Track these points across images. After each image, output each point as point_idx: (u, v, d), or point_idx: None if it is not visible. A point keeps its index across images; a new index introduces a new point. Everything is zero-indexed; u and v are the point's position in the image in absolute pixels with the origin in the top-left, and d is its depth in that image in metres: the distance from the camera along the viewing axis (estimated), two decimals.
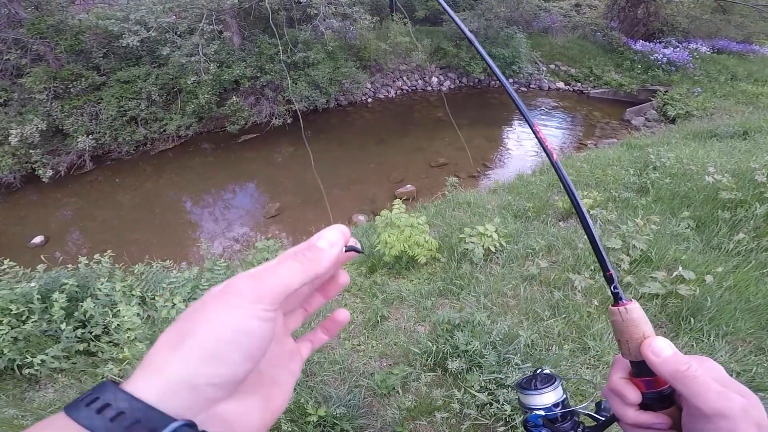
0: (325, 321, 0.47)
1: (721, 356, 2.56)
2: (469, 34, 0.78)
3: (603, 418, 0.60)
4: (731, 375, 2.40)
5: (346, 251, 0.39)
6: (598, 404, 0.64)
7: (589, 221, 0.58)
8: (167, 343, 0.30)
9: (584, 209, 0.59)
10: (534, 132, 0.68)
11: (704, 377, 0.43)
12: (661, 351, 0.46)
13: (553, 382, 0.67)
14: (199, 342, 0.29)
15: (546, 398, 0.65)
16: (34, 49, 8.89)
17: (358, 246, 0.41)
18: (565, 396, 0.66)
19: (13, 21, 8.87)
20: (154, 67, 9.76)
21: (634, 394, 0.49)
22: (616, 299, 0.52)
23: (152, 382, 0.28)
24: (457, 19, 1.17)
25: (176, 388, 0.28)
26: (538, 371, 0.70)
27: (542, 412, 0.65)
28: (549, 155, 0.64)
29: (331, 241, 0.37)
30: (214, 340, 0.29)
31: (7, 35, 8.69)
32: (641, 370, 0.49)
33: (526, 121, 0.68)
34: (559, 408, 0.65)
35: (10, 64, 8.83)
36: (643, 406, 0.50)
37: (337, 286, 0.45)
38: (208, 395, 0.29)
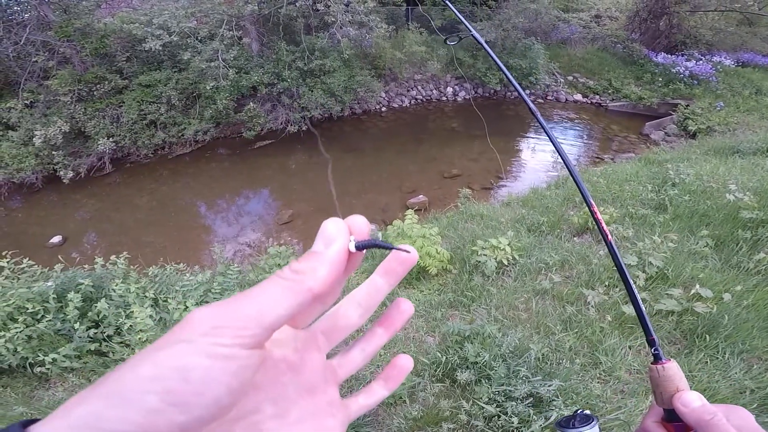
0: (385, 370, 0.38)
1: (736, 373, 2.50)
2: (487, 47, 0.78)
3: None
4: (744, 392, 2.34)
5: (358, 249, 0.29)
6: None
7: (635, 289, 0.69)
8: (99, 382, 0.25)
9: (631, 280, 0.70)
10: (591, 213, 0.80)
11: (725, 426, 0.48)
12: (691, 403, 0.52)
13: (591, 422, 0.72)
14: (117, 380, 0.24)
15: None
16: (60, 52, 9.16)
17: (380, 240, 0.30)
18: None
19: (42, 24, 9.15)
20: (175, 71, 9.97)
21: None
22: (656, 359, 0.60)
23: (54, 426, 0.23)
24: (475, 32, 1.17)
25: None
26: (578, 411, 0.75)
27: None
28: (604, 236, 0.76)
29: (329, 237, 0.28)
30: (132, 379, 0.23)
31: (36, 37, 8.96)
32: (672, 417, 0.55)
33: (582, 193, 0.70)
34: None
35: (38, 66, 9.09)
36: None
37: (400, 314, 0.36)
38: None
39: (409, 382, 2.58)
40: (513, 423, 2.15)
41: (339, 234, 0.28)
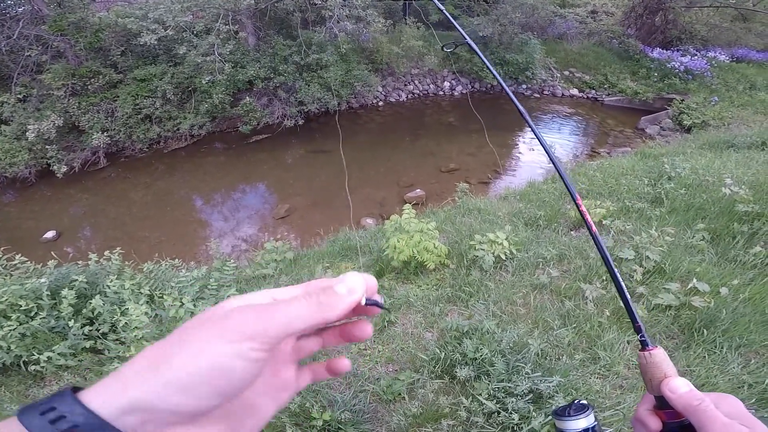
0: (332, 361, 0.44)
1: (734, 368, 2.51)
2: (479, 52, 0.77)
3: None
4: (742, 386, 2.35)
5: (366, 305, 0.37)
6: None
7: (618, 276, 0.73)
8: (146, 360, 0.29)
9: (618, 275, 0.74)
10: (576, 204, 0.83)
11: (713, 411, 0.50)
12: (678, 389, 0.55)
13: (586, 411, 0.73)
14: (173, 370, 0.28)
15: (578, 423, 0.72)
16: (54, 46, 9.07)
17: (381, 301, 0.39)
18: (596, 423, 0.73)
19: (35, 17, 9.04)
20: (170, 66, 9.88)
21: (655, 424, 0.56)
22: (644, 345, 0.63)
23: (115, 399, 0.28)
24: (469, 40, 1.17)
25: (136, 409, 0.27)
26: (574, 401, 0.77)
27: None
28: (589, 227, 0.81)
29: (352, 288, 0.35)
30: (189, 372, 0.28)
31: (29, 32, 8.87)
32: (663, 404, 0.57)
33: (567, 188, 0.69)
34: None
35: (31, 61, 9.01)
36: None
37: (359, 333, 0.42)
38: (166, 420, 0.28)
39: (408, 378, 2.58)
40: (513, 419, 2.15)
41: (359, 289, 0.35)
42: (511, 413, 2.18)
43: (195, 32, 9.54)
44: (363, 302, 0.36)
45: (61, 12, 8.96)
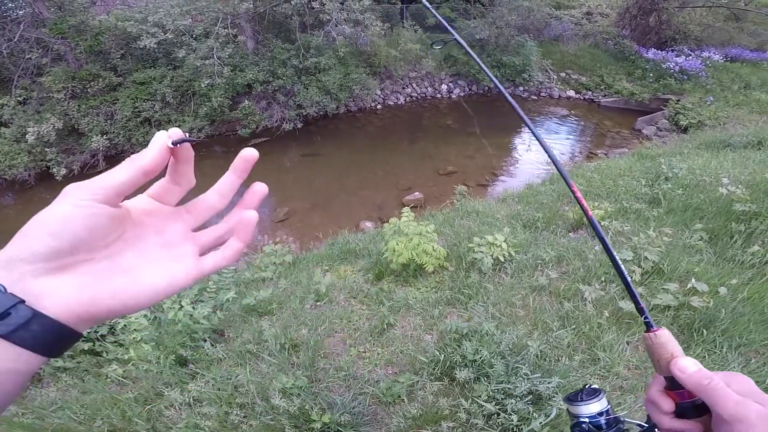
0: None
1: (734, 367, 2.51)
2: (469, 50, 0.78)
3: (647, 425, 0.67)
4: None
5: (174, 144, 0.41)
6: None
7: (617, 258, 0.73)
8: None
9: (620, 262, 0.73)
10: (571, 191, 0.81)
11: (724, 389, 0.50)
12: (686, 368, 0.55)
13: (599, 395, 0.75)
14: (30, 226, 0.35)
15: (591, 408, 0.74)
16: (54, 49, 9.08)
17: (188, 135, 0.42)
18: (609, 406, 0.75)
19: (36, 20, 9.06)
20: (170, 69, 9.90)
21: (667, 404, 0.57)
22: (648, 327, 0.62)
23: None
24: (457, 36, 1.18)
25: (11, 260, 0.33)
26: (585, 386, 0.79)
27: (586, 419, 0.74)
28: (585, 211, 0.80)
29: (154, 140, 0.40)
30: (29, 224, 0.35)
31: (30, 34, 8.88)
32: (674, 384, 0.57)
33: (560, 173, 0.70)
34: (603, 416, 0.74)
35: (31, 63, 9.01)
36: (679, 414, 0.57)
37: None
38: (21, 269, 0.33)
39: (408, 380, 2.58)
40: (512, 421, 2.15)
41: (161, 136, 0.40)
42: (510, 415, 2.18)
43: (194, 36, 9.57)
44: (170, 144, 0.40)
45: (62, 15, 8.99)
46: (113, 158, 9.45)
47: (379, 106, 12.59)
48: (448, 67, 13.53)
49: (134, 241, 0.40)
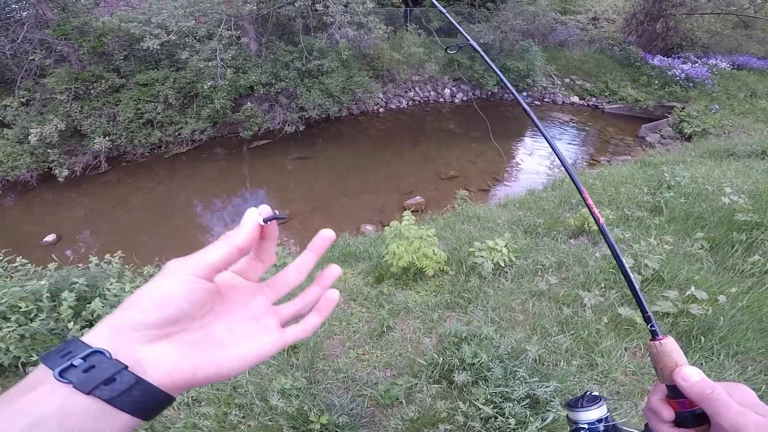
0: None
1: (731, 375, 2.51)
2: (485, 55, 0.78)
3: None
4: None
5: (266, 221, 0.43)
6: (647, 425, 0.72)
7: (629, 271, 0.73)
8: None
9: (629, 270, 0.73)
10: (583, 198, 0.81)
11: (725, 399, 0.50)
12: (690, 377, 0.55)
13: (599, 402, 0.75)
14: (135, 298, 0.38)
15: (591, 414, 0.74)
16: (58, 50, 9.12)
17: (278, 213, 0.45)
18: (608, 414, 0.75)
19: (40, 21, 9.10)
20: (173, 70, 9.94)
21: (668, 413, 0.57)
22: (654, 335, 0.62)
23: (98, 329, 0.37)
24: (473, 41, 1.18)
25: (107, 331, 0.36)
26: (586, 393, 0.79)
27: (586, 426, 0.74)
28: (596, 219, 0.79)
29: (247, 218, 0.43)
30: (136, 295, 0.38)
31: (33, 35, 8.92)
32: (675, 393, 0.57)
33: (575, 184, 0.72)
34: (602, 423, 0.74)
35: (35, 65, 9.06)
36: (678, 423, 0.57)
37: (328, 275, 0.53)
38: (129, 335, 0.36)
39: (406, 383, 2.58)
40: (510, 424, 2.15)
41: (252, 214, 0.43)
42: (507, 418, 2.18)
43: (197, 37, 9.61)
44: (261, 222, 0.43)
45: (65, 16, 9.03)
46: (115, 160, 9.50)
47: (381, 110, 12.61)
48: (452, 71, 13.55)
49: (224, 313, 0.44)
